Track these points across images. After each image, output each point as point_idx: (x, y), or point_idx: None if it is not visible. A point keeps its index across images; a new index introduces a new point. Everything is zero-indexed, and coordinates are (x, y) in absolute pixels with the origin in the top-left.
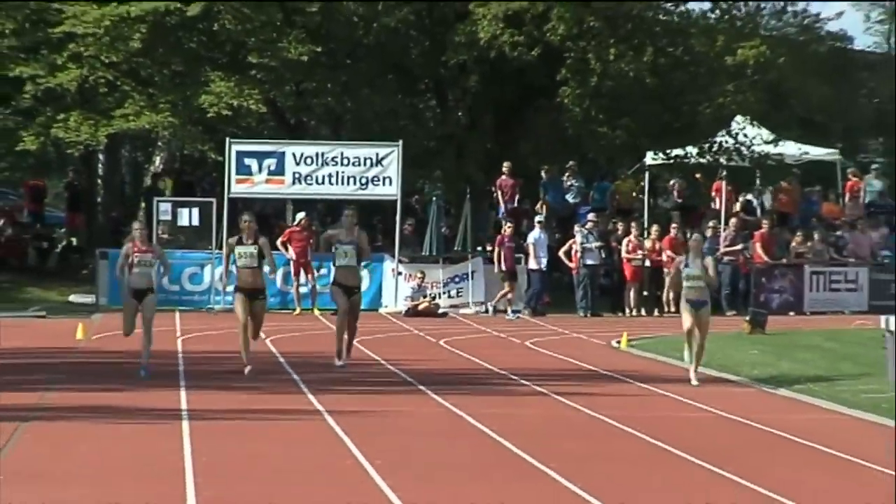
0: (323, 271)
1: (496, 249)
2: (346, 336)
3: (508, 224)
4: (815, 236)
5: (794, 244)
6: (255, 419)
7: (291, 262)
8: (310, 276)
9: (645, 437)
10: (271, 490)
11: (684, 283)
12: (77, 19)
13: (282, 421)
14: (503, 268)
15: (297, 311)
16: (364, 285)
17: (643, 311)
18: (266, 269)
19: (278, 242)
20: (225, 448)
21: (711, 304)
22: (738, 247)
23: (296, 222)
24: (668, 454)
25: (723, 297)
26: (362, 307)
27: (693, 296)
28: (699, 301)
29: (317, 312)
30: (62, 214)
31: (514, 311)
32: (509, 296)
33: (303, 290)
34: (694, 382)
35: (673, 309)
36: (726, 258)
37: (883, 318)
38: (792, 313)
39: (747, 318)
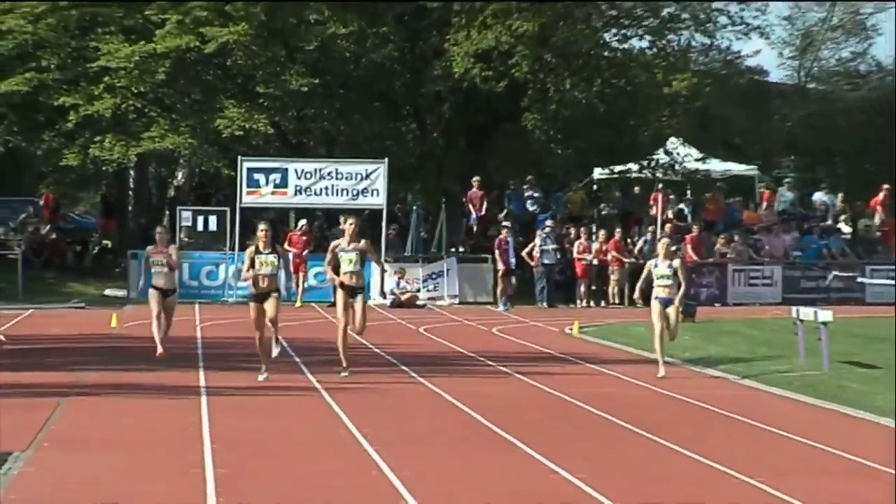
0: (317, 269)
1: (496, 251)
2: (349, 337)
3: (505, 229)
4: (737, 239)
5: (718, 246)
6: (262, 395)
7: (291, 261)
8: (303, 273)
9: (595, 411)
10: (277, 456)
11: (654, 283)
12: (111, 55)
13: (285, 397)
14: (500, 266)
15: (298, 303)
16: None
17: (592, 303)
18: (282, 274)
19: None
20: (237, 420)
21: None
22: (673, 248)
23: (297, 228)
24: (615, 425)
25: (637, 289)
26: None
27: (662, 294)
28: (668, 299)
29: (298, 304)
30: (93, 220)
31: (504, 304)
32: (509, 291)
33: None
34: (661, 374)
35: (640, 303)
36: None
37: (794, 308)
38: (717, 305)
39: (680, 308)
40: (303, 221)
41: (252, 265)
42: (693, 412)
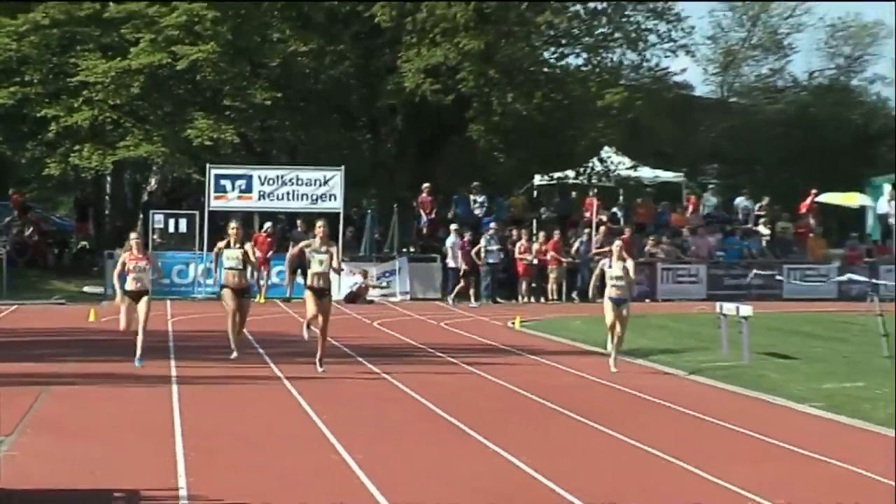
0: (279, 268)
1: (459, 252)
2: (320, 338)
3: (467, 232)
4: (665, 240)
5: (648, 247)
6: (229, 384)
7: (256, 260)
8: (266, 272)
9: (536, 398)
10: (242, 440)
11: (608, 283)
12: (89, 71)
13: (251, 385)
14: (465, 266)
15: (261, 300)
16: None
17: (532, 299)
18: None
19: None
20: (206, 407)
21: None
22: (606, 248)
23: (262, 230)
24: (555, 411)
25: (591, 287)
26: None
27: (615, 294)
28: (620, 298)
29: (262, 300)
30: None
31: (476, 301)
32: (470, 290)
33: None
34: (613, 369)
35: (598, 300)
36: (597, 257)
37: (718, 304)
38: (647, 301)
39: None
40: (268, 224)
41: (218, 256)
42: (626, 399)
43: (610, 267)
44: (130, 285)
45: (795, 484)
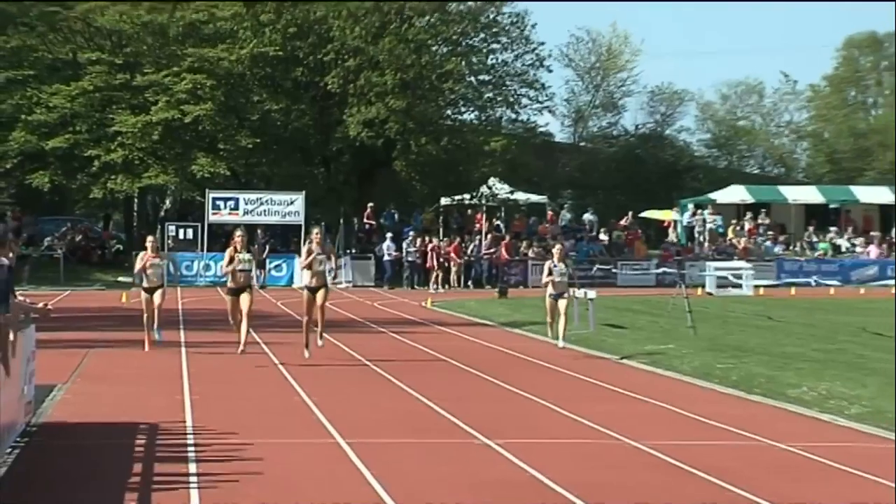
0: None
1: (429, 253)
2: (315, 325)
3: (429, 237)
4: (534, 244)
5: (523, 249)
6: (223, 347)
7: (226, 260)
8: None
9: (441, 356)
10: (233, 385)
11: (550, 281)
12: (122, 123)
13: (233, 346)
14: (431, 263)
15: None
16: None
17: (439, 287)
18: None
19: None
20: (206, 364)
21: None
22: (492, 250)
23: (234, 235)
24: (454, 365)
25: (484, 277)
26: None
27: (557, 289)
28: (560, 293)
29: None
30: (111, 232)
31: (435, 288)
32: (439, 279)
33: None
34: (560, 345)
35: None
36: (485, 256)
37: (571, 289)
38: (521, 287)
39: (497, 289)
40: (239, 231)
41: (231, 261)
42: (506, 357)
43: (555, 266)
44: (147, 282)
45: (625, 416)
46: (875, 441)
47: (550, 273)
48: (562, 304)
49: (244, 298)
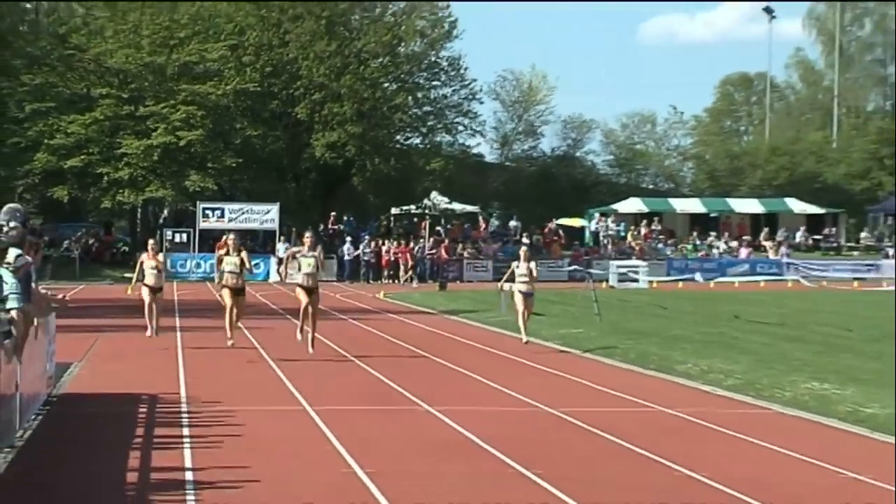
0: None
1: (398, 255)
2: (308, 329)
3: (402, 240)
4: (469, 247)
5: (459, 250)
6: (213, 332)
7: (216, 260)
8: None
9: (392, 339)
10: (221, 362)
11: (516, 280)
12: (128, 146)
13: (220, 330)
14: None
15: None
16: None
17: (392, 281)
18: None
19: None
20: (198, 345)
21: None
22: (434, 251)
23: (225, 238)
24: (405, 347)
25: (427, 273)
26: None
27: (523, 288)
28: (527, 292)
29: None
30: (120, 237)
31: (406, 281)
32: (410, 273)
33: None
34: (524, 339)
35: (504, 292)
36: (428, 256)
37: (499, 283)
38: (458, 282)
39: (438, 283)
40: (232, 235)
41: (220, 263)
42: (446, 340)
43: (518, 267)
44: (150, 279)
45: (543, 388)
46: (746, 407)
47: (512, 274)
48: (528, 301)
49: (239, 301)
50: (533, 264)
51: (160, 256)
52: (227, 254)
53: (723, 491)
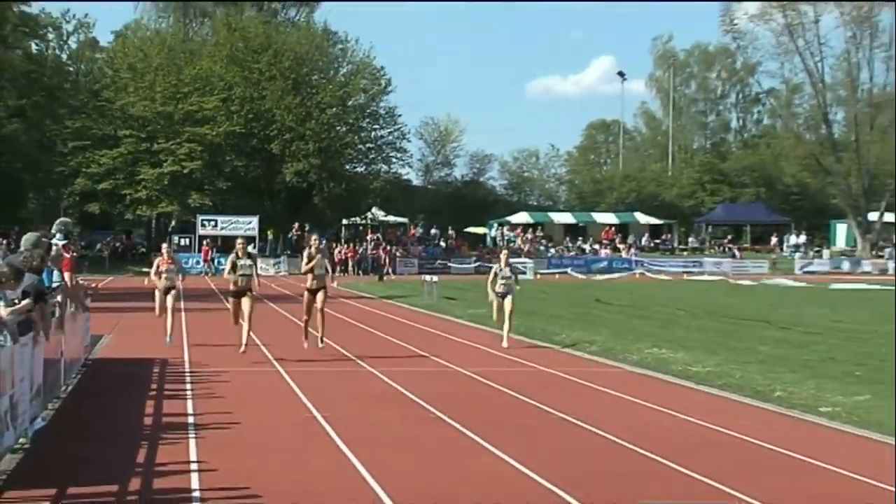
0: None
1: (346, 257)
2: (318, 326)
3: (350, 243)
4: (400, 248)
5: (393, 250)
6: (212, 312)
7: (203, 259)
8: (208, 265)
9: (345, 318)
10: (217, 336)
11: (497, 281)
12: (145, 174)
13: (222, 313)
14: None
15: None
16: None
17: (342, 274)
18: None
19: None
20: (200, 323)
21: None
22: (374, 251)
23: (206, 243)
24: (351, 323)
25: (369, 267)
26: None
27: (502, 289)
28: (506, 293)
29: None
30: (139, 241)
31: (380, 278)
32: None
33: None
34: (504, 344)
35: (491, 296)
36: (370, 255)
37: (423, 276)
38: (392, 274)
39: (377, 276)
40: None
41: (234, 268)
42: (387, 320)
43: (501, 270)
44: (163, 284)
45: (454, 352)
46: (605, 367)
47: (496, 276)
48: (507, 302)
49: (245, 303)
50: (514, 267)
51: (174, 258)
52: (238, 257)
53: (586, 428)
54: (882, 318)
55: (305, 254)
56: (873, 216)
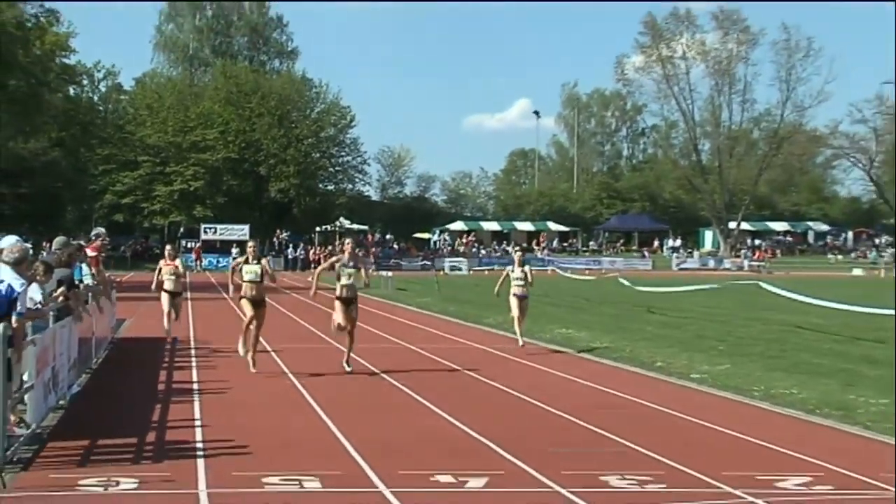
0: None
1: (320, 258)
2: (345, 343)
3: (322, 246)
4: (363, 250)
5: (360, 253)
6: (214, 300)
7: (195, 257)
8: (199, 262)
9: (317, 305)
10: (218, 319)
11: (512, 284)
12: (158, 191)
13: (223, 301)
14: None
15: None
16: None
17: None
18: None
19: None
20: (204, 310)
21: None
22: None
23: (198, 244)
24: (321, 309)
25: (497, 285)
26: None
27: (518, 292)
28: (522, 295)
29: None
30: (154, 244)
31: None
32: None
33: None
34: (520, 343)
35: (500, 296)
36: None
37: (380, 272)
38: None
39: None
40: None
41: (239, 273)
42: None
43: (513, 272)
44: (168, 285)
45: (403, 332)
46: (510, 343)
47: (507, 278)
48: (523, 304)
49: (259, 314)
50: (528, 268)
51: (178, 262)
52: (247, 262)
53: (507, 391)
54: (740, 306)
55: (332, 258)
56: (732, 225)
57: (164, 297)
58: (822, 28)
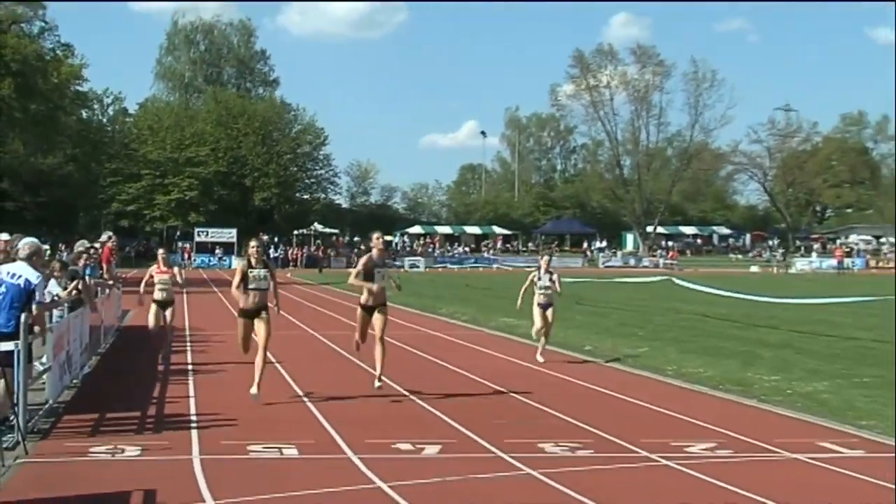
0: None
1: (300, 254)
2: (376, 358)
3: (299, 247)
4: (333, 249)
5: (328, 251)
6: (207, 294)
7: (239, 277)
8: (190, 259)
9: (294, 297)
10: (209, 311)
11: (536, 291)
12: (158, 200)
13: (214, 296)
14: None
15: (190, 267)
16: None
17: (294, 268)
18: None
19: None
20: (198, 305)
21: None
22: (317, 253)
23: (188, 246)
24: (297, 301)
25: (312, 263)
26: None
27: (542, 300)
28: (547, 304)
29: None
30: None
31: (319, 270)
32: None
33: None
34: (540, 360)
35: (521, 305)
36: (313, 254)
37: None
38: (329, 268)
39: (318, 269)
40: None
41: (244, 279)
42: (317, 297)
43: (539, 279)
44: (158, 295)
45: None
46: (470, 331)
47: (531, 285)
48: (549, 313)
49: (259, 326)
50: (556, 276)
51: (175, 269)
52: (252, 266)
53: (458, 372)
54: (657, 298)
55: (361, 260)
56: (650, 229)
57: (153, 311)
58: (724, 60)
